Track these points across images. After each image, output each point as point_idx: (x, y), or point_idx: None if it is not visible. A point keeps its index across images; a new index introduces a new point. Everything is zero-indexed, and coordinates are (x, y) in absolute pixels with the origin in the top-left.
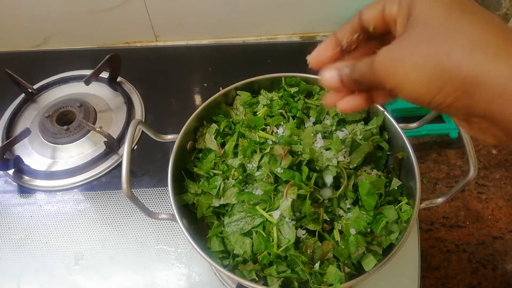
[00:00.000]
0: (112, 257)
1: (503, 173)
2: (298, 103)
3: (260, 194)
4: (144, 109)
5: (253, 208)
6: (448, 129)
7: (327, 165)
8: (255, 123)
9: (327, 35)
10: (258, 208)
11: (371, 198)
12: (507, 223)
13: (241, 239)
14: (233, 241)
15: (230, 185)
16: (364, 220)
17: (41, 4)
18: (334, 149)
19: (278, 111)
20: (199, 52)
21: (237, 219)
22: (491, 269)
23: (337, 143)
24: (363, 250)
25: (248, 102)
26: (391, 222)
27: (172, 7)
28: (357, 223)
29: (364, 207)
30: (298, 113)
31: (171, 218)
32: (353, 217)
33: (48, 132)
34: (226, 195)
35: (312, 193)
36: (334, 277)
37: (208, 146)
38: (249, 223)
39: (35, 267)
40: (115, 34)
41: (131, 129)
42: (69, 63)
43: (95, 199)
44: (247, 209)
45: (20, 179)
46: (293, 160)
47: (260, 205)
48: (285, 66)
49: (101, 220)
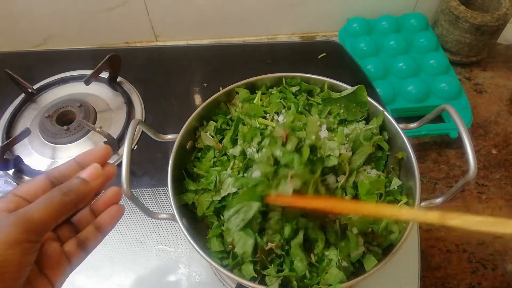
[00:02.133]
0: (112, 257)
1: (503, 173)
2: (299, 99)
3: (258, 176)
4: (144, 109)
5: (252, 189)
6: (448, 129)
7: (328, 154)
8: (254, 111)
9: (327, 35)
10: (257, 190)
11: (371, 198)
12: None
13: (244, 238)
14: (236, 239)
15: (227, 176)
16: (368, 220)
17: (41, 4)
18: (337, 141)
19: (277, 102)
20: (199, 52)
21: (236, 210)
22: (491, 269)
23: (341, 136)
24: (363, 249)
25: (246, 98)
26: (391, 222)
27: (172, 7)
28: (360, 223)
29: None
30: (300, 108)
31: (171, 218)
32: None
33: (48, 132)
34: (224, 186)
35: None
36: (335, 277)
37: (206, 143)
38: (248, 211)
39: None
40: (115, 34)
41: (131, 129)
42: (69, 63)
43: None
44: (243, 195)
45: (20, 179)
46: (296, 141)
47: (258, 188)
48: (285, 66)
49: None
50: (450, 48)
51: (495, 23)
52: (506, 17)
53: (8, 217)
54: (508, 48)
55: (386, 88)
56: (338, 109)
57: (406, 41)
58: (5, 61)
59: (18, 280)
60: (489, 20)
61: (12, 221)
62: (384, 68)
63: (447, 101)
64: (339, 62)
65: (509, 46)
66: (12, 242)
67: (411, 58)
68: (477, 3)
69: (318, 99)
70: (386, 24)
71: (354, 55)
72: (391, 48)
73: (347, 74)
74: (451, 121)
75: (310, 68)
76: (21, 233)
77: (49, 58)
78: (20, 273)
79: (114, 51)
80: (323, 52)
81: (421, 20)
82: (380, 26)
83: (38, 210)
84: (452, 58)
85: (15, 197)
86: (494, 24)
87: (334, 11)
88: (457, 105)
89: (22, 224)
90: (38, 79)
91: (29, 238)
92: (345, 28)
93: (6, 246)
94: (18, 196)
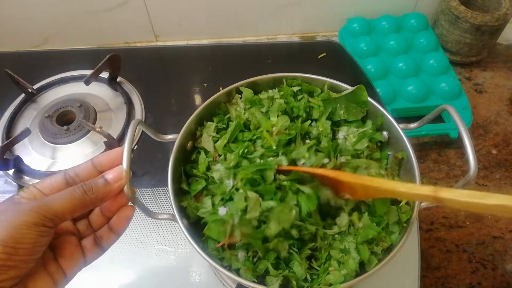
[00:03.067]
0: (112, 257)
1: (503, 173)
2: (300, 102)
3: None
4: (144, 109)
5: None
6: (448, 129)
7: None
8: (264, 127)
9: (327, 35)
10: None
11: (384, 203)
12: (507, 223)
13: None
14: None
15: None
16: (374, 229)
17: (41, 4)
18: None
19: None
20: (199, 52)
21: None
22: (491, 269)
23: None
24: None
25: (250, 99)
26: (391, 223)
27: (172, 7)
28: (365, 232)
29: (375, 211)
30: (300, 112)
31: (171, 218)
32: (363, 225)
33: (48, 132)
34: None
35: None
36: (335, 279)
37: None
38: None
39: None
40: (115, 34)
41: (131, 129)
42: (69, 63)
43: None
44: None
45: (20, 179)
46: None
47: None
48: (285, 66)
49: None
50: (450, 48)
51: (495, 23)
52: (506, 17)
53: (30, 202)
54: (508, 48)
55: (386, 88)
56: (339, 109)
57: (406, 41)
58: (5, 61)
59: (31, 256)
60: (489, 20)
61: (33, 206)
62: (384, 68)
63: (447, 101)
64: (339, 62)
65: (509, 46)
66: (30, 224)
67: (411, 58)
68: (477, 3)
69: (318, 101)
70: (386, 24)
71: (354, 55)
72: (391, 48)
73: (347, 74)
74: (451, 121)
75: (310, 68)
76: (39, 218)
77: (49, 58)
78: (34, 251)
79: (114, 51)
80: (323, 52)
81: (421, 20)
82: (380, 26)
83: (57, 202)
84: (452, 58)
85: (35, 189)
86: (494, 24)
87: (334, 11)
88: (457, 105)
89: (41, 210)
90: (38, 79)
91: (45, 224)
92: (345, 28)
93: (24, 227)
94: (37, 189)
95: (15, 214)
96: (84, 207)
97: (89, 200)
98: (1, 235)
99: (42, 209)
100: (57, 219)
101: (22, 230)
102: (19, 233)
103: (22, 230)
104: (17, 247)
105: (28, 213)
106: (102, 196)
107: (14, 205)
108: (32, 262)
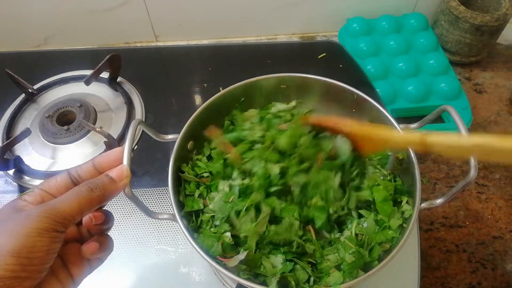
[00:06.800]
0: (112, 257)
1: (503, 173)
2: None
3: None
4: (144, 109)
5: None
6: (448, 129)
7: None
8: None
9: (327, 35)
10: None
11: (387, 205)
12: (507, 223)
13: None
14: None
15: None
16: (385, 235)
17: (41, 4)
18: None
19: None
20: (199, 52)
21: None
22: (491, 269)
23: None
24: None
25: (258, 116)
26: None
27: (172, 7)
28: (378, 236)
29: (378, 212)
30: None
31: (171, 218)
32: (371, 228)
33: (48, 132)
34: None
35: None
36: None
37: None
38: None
39: None
40: (115, 34)
41: (131, 129)
42: (69, 63)
43: None
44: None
45: (20, 179)
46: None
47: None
48: (285, 66)
49: None
50: (450, 48)
51: (495, 23)
52: (506, 17)
53: (38, 207)
54: (508, 48)
55: (386, 88)
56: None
57: (406, 41)
58: (5, 61)
59: (44, 265)
60: (489, 20)
61: (42, 212)
62: (384, 68)
63: (447, 101)
64: (339, 62)
65: (509, 46)
66: (41, 231)
67: (411, 58)
68: (477, 3)
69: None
70: (386, 24)
71: (354, 55)
72: (391, 48)
73: (347, 74)
74: (451, 121)
75: (310, 68)
76: (49, 223)
77: (49, 58)
78: (47, 259)
79: (114, 51)
80: (323, 52)
81: (421, 20)
82: (380, 26)
83: (65, 204)
84: (452, 58)
85: (41, 191)
86: (494, 24)
87: (334, 11)
88: (457, 105)
89: (50, 215)
90: (38, 79)
91: (56, 228)
92: (345, 28)
93: (35, 234)
94: (43, 190)
95: (23, 222)
96: (91, 206)
97: (96, 197)
98: (12, 245)
99: (51, 213)
100: (67, 222)
101: (34, 238)
102: (31, 242)
103: (34, 238)
104: (30, 257)
105: (38, 219)
106: (109, 193)
107: (20, 212)
108: (45, 271)
